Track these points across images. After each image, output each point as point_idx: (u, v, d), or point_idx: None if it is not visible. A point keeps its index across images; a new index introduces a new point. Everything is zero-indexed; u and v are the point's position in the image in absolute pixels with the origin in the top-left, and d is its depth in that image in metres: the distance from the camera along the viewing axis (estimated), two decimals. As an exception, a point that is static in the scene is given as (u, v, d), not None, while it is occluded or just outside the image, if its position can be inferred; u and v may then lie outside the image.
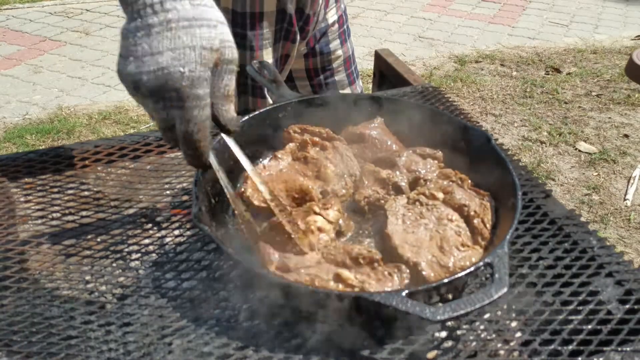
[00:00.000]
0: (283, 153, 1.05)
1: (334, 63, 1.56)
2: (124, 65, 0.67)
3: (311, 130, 1.09)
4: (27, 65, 3.97)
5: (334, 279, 0.78)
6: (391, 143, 1.08)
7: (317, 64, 1.55)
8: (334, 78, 1.58)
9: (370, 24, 4.87)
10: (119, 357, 0.75)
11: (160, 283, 0.88)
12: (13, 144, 3.10)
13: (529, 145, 3.23)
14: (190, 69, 0.66)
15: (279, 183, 0.98)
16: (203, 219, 0.82)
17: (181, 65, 0.66)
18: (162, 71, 0.65)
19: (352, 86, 1.64)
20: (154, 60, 0.65)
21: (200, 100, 0.68)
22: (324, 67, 1.56)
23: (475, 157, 1.01)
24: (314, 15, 1.43)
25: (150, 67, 0.65)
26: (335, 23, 1.54)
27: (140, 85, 0.66)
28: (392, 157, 1.04)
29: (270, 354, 0.75)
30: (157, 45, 0.65)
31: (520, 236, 0.95)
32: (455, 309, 0.67)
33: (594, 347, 0.76)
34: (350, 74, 1.62)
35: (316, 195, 0.95)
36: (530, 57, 4.32)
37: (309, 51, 1.52)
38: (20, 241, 0.95)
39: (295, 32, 1.39)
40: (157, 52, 0.65)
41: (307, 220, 0.86)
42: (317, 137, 1.08)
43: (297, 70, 1.56)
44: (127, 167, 1.16)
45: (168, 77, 0.66)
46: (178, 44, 0.66)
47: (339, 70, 1.58)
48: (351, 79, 1.62)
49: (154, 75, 0.65)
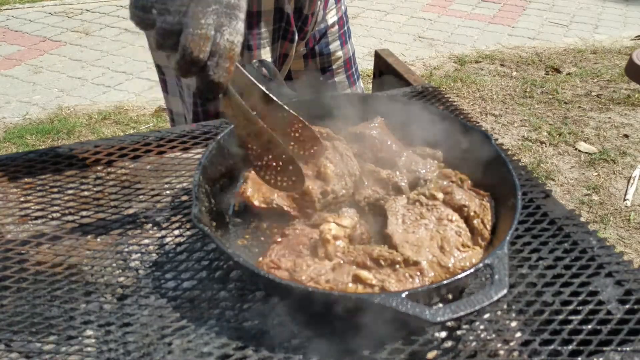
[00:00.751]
0: None
1: (334, 64, 1.56)
2: None
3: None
4: (27, 65, 3.97)
5: (352, 280, 0.78)
6: (391, 143, 1.08)
7: (317, 65, 1.55)
8: (334, 79, 1.58)
9: (370, 24, 4.87)
10: (119, 357, 0.75)
11: (160, 283, 0.88)
12: (13, 144, 3.10)
13: (529, 145, 3.23)
14: None
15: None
16: (203, 219, 0.82)
17: None
18: None
19: (353, 87, 1.64)
20: None
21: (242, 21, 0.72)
22: (324, 68, 1.56)
23: (475, 157, 1.01)
24: (313, 16, 1.43)
25: None
26: (336, 24, 1.54)
27: None
28: (392, 157, 1.04)
29: (270, 354, 0.75)
30: None
31: (520, 236, 0.95)
32: (455, 311, 0.67)
33: (593, 347, 0.76)
34: (351, 75, 1.62)
35: (316, 196, 0.95)
36: (530, 57, 4.32)
37: (308, 52, 1.52)
38: (20, 241, 0.95)
39: (293, 31, 1.39)
40: None
41: (322, 229, 0.86)
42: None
43: (297, 72, 1.56)
44: (127, 167, 1.16)
45: None
46: None
47: (339, 72, 1.58)
48: (351, 80, 1.62)
49: None
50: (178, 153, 1.19)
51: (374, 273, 0.79)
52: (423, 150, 1.07)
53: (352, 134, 1.10)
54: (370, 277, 0.78)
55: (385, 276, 0.78)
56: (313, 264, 0.81)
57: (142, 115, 3.40)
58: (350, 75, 1.61)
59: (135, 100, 3.56)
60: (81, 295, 0.85)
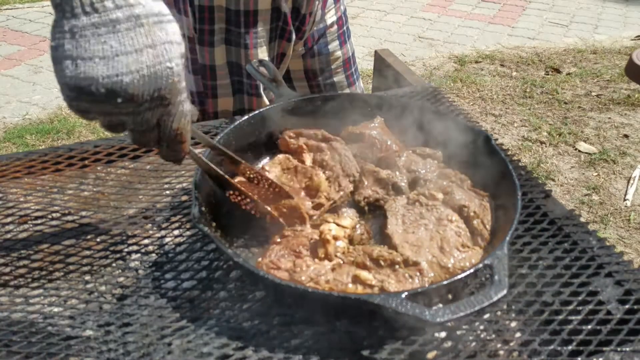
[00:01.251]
0: (271, 165, 1.04)
1: (332, 64, 1.56)
2: (86, 68, 0.59)
3: (306, 133, 1.09)
4: (27, 65, 3.97)
5: (352, 281, 0.78)
6: (391, 143, 1.08)
7: (316, 65, 1.55)
8: (332, 79, 1.58)
9: (370, 24, 4.87)
10: (119, 357, 0.75)
11: (160, 283, 0.88)
12: (13, 144, 3.10)
13: (529, 145, 3.23)
14: (176, 63, 0.64)
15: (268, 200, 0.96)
16: (203, 219, 0.82)
17: (167, 60, 0.63)
18: (150, 69, 0.61)
19: (352, 87, 1.63)
20: (133, 59, 0.60)
21: (185, 92, 0.68)
22: (323, 68, 1.56)
23: (475, 157, 1.01)
24: (311, 15, 1.43)
25: (132, 67, 0.60)
26: (334, 24, 1.53)
27: (118, 89, 0.60)
28: (392, 157, 1.04)
29: (270, 354, 0.75)
30: (131, 43, 0.60)
31: (520, 236, 0.95)
32: (455, 311, 0.67)
33: (593, 347, 0.76)
34: (350, 75, 1.62)
35: (305, 212, 0.94)
36: (530, 57, 4.32)
37: (307, 52, 1.52)
38: (20, 241, 0.95)
39: (290, 30, 1.39)
40: (133, 51, 0.60)
41: (322, 230, 0.86)
42: (312, 140, 1.08)
43: (296, 71, 1.56)
44: (127, 167, 1.16)
45: (157, 75, 0.62)
46: (156, 40, 0.62)
47: (337, 72, 1.58)
48: (350, 80, 1.62)
49: (138, 75, 0.61)
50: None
51: (374, 273, 0.79)
52: (423, 150, 1.07)
53: (352, 133, 1.10)
54: (370, 277, 0.78)
55: (385, 276, 0.79)
56: (313, 264, 0.81)
57: (142, 115, 3.40)
58: (350, 75, 1.61)
59: (135, 100, 3.57)
60: (81, 295, 0.85)
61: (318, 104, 1.13)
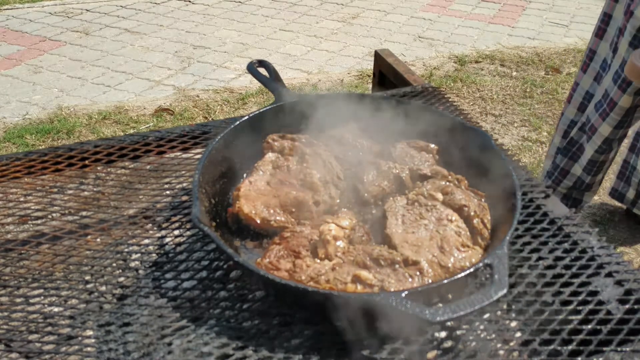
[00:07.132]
0: (262, 164, 1.04)
1: None
2: None
3: (290, 137, 1.09)
4: (27, 65, 3.97)
5: (352, 280, 0.78)
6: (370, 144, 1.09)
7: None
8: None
9: (370, 24, 4.86)
10: (119, 357, 0.75)
11: (160, 283, 0.88)
12: (13, 144, 3.10)
13: (529, 146, 3.23)
14: None
15: (272, 198, 0.96)
16: (203, 219, 0.82)
17: None
18: None
19: None
20: None
21: None
22: None
23: (475, 157, 1.01)
24: None
25: None
26: None
27: None
28: (387, 150, 1.05)
29: (270, 354, 0.75)
30: None
31: (520, 236, 0.95)
32: (455, 310, 0.67)
33: (593, 347, 0.76)
34: None
35: (312, 206, 0.94)
36: (530, 57, 4.32)
37: None
38: (20, 241, 0.95)
39: None
40: None
41: (322, 230, 0.86)
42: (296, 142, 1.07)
43: None
44: (127, 167, 1.16)
45: None
46: None
47: None
48: None
49: None
50: (178, 153, 1.19)
51: (374, 273, 0.79)
52: (417, 143, 1.07)
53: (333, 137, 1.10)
54: (370, 277, 0.78)
55: (385, 276, 0.78)
56: (313, 264, 0.81)
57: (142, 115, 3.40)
58: None
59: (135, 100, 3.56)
60: (81, 295, 0.85)
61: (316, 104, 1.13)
